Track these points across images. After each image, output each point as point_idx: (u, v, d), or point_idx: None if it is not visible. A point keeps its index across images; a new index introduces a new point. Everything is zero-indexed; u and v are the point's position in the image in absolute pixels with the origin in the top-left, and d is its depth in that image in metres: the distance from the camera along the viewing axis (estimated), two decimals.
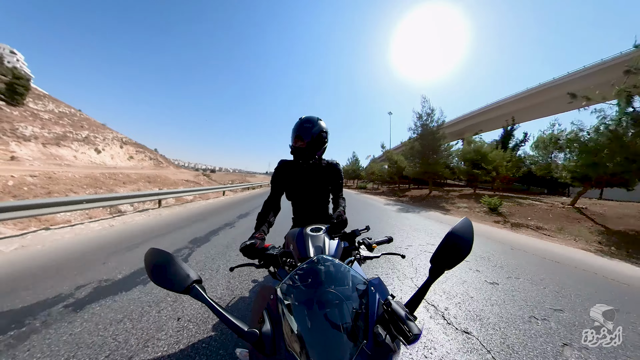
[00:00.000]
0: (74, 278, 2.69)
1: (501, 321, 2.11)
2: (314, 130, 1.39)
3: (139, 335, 1.78)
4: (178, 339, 1.76)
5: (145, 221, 6.12)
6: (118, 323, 1.91)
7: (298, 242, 1.12)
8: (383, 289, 0.75)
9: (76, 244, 4.05)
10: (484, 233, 6.31)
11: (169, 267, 0.65)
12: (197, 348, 1.68)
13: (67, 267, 3.02)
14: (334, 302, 0.67)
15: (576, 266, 3.91)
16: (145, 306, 2.17)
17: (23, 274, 2.77)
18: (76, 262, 3.20)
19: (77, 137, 39.17)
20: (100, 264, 3.14)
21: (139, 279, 2.73)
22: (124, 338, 1.75)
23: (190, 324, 1.93)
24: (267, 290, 0.75)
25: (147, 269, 0.66)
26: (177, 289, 0.63)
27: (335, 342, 0.60)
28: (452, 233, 0.71)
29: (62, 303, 2.19)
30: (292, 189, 1.56)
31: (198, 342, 1.74)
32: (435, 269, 0.69)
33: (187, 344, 1.71)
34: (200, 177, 28.90)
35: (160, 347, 1.68)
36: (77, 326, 1.86)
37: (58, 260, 3.26)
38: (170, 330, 1.85)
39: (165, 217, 6.81)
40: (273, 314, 0.66)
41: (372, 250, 1.20)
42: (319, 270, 0.75)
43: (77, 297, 2.29)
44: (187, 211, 8.08)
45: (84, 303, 2.19)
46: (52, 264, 3.09)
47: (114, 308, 2.12)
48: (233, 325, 0.58)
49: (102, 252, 3.63)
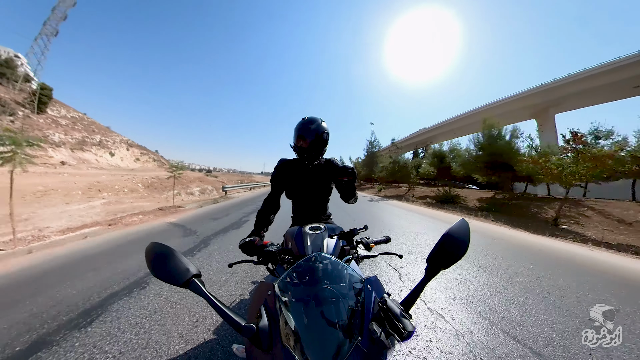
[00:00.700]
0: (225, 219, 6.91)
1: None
2: (317, 130, 1.41)
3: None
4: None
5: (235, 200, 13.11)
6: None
7: (297, 240, 1.13)
8: (379, 287, 0.76)
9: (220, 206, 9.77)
10: (368, 196, 19.70)
11: (169, 261, 0.66)
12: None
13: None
14: (330, 299, 0.67)
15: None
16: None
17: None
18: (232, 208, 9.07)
19: (93, 142, 42.82)
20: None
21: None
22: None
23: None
24: (265, 286, 0.75)
25: (148, 262, 0.67)
26: (176, 282, 0.63)
27: (330, 339, 0.60)
28: (448, 234, 0.71)
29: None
30: (292, 188, 1.58)
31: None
32: (431, 268, 0.70)
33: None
34: (208, 179, 30.26)
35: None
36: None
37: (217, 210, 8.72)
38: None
39: (241, 199, 13.70)
40: (270, 310, 0.67)
41: (370, 250, 1.20)
42: (316, 267, 0.76)
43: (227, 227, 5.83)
44: (241, 199, 13.68)
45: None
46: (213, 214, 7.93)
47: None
48: (231, 320, 0.58)
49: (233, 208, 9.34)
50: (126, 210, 8.79)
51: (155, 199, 12.54)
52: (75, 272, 2.97)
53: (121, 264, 3.28)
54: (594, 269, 3.69)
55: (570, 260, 4.05)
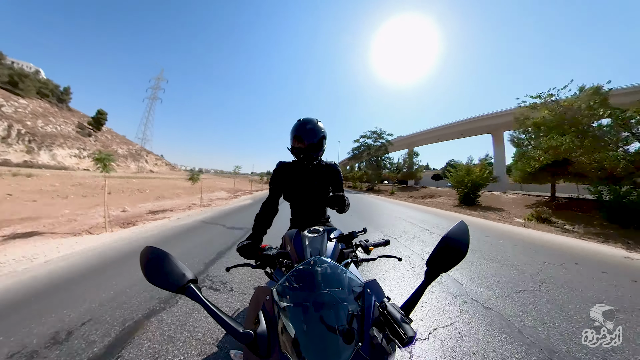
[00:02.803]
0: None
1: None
2: (313, 131, 1.40)
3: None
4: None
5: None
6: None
7: (295, 243, 1.12)
8: (379, 291, 0.75)
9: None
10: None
11: (164, 266, 0.64)
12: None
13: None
14: (330, 304, 0.66)
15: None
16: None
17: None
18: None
19: (136, 153, 56.42)
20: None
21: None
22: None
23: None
24: (263, 291, 0.74)
25: (142, 267, 0.64)
26: (172, 288, 0.62)
27: (330, 345, 0.59)
28: (447, 237, 0.71)
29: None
30: (291, 190, 1.56)
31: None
32: (431, 271, 0.69)
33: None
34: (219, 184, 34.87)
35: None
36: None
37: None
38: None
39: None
40: (268, 315, 0.65)
41: (369, 253, 1.19)
42: (315, 271, 0.74)
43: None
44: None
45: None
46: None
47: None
48: (227, 326, 0.57)
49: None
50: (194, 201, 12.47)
51: (196, 196, 14.67)
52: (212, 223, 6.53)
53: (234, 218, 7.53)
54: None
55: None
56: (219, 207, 10.15)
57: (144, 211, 8.00)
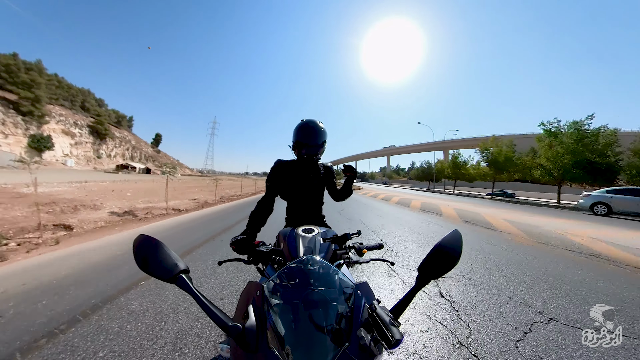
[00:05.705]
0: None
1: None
2: (315, 131, 1.47)
3: None
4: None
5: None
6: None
7: (289, 241, 1.12)
8: (370, 293, 0.74)
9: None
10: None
11: (157, 255, 0.65)
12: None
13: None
14: (319, 304, 0.66)
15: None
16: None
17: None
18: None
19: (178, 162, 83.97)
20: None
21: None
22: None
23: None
24: (254, 286, 0.74)
25: (135, 255, 0.65)
26: (163, 277, 0.62)
27: (318, 343, 0.59)
28: (440, 245, 0.71)
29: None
30: (288, 189, 1.57)
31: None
32: (422, 277, 0.69)
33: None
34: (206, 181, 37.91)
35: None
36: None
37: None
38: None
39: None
40: (258, 310, 0.65)
41: (362, 255, 1.19)
42: (307, 270, 0.75)
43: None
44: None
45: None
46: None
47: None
48: (216, 318, 0.57)
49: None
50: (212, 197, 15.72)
51: (212, 193, 17.47)
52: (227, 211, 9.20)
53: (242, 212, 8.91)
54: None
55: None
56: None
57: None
